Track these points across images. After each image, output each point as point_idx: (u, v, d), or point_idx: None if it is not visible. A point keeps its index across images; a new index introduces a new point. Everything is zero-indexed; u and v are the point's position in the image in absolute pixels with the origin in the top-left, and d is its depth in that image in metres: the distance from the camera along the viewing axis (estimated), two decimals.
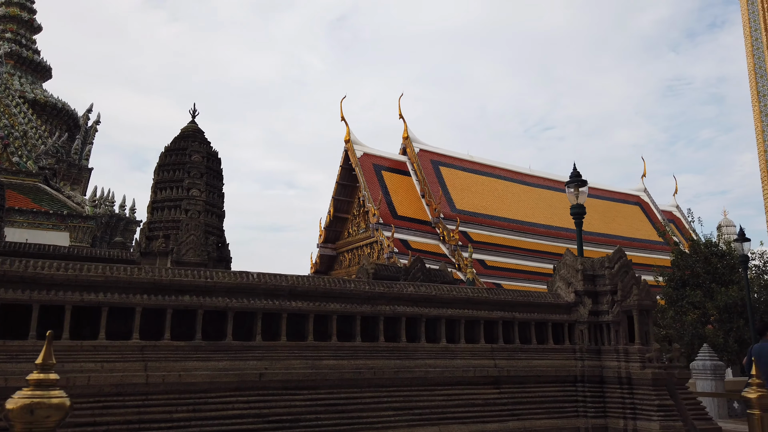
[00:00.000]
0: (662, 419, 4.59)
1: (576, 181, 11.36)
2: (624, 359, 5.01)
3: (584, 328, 5.25)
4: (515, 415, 4.63)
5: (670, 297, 23.14)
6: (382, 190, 27.51)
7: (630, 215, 32.33)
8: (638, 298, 5.09)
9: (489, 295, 5.05)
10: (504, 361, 4.85)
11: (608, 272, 5.30)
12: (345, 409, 4.05)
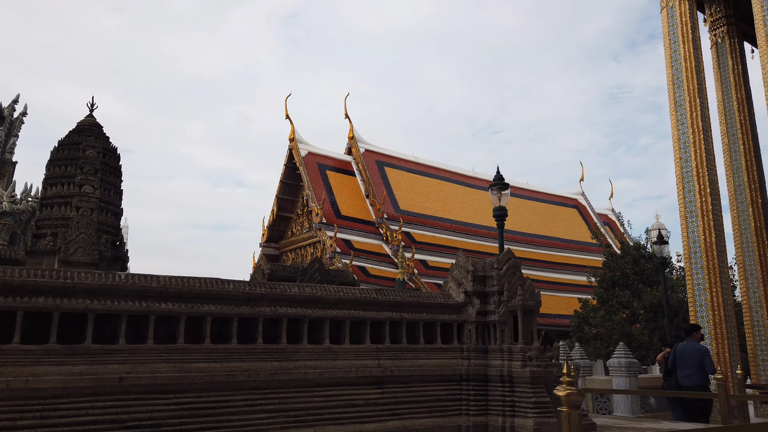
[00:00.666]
0: (537, 416, 4.74)
1: (498, 184, 11.67)
2: (507, 358, 5.14)
3: (472, 328, 5.37)
4: (396, 414, 4.68)
5: (601, 297, 24.07)
6: (326, 189, 27.41)
7: (568, 218, 33.37)
8: (522, 299, 5.24)
9: (377, 295, 5.08)
10: (389, 361, 4.89)
11: (496, 273, 5.44)
12: (214, 413, 3.99)
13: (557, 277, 30.26)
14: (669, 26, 14.12)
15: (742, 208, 14.34)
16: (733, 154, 14.64)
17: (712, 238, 12.98)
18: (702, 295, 12.92)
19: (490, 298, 5.44)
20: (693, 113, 13.50)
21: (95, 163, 6.13)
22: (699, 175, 13.23)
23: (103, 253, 5.93)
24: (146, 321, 4.03)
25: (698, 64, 13.77)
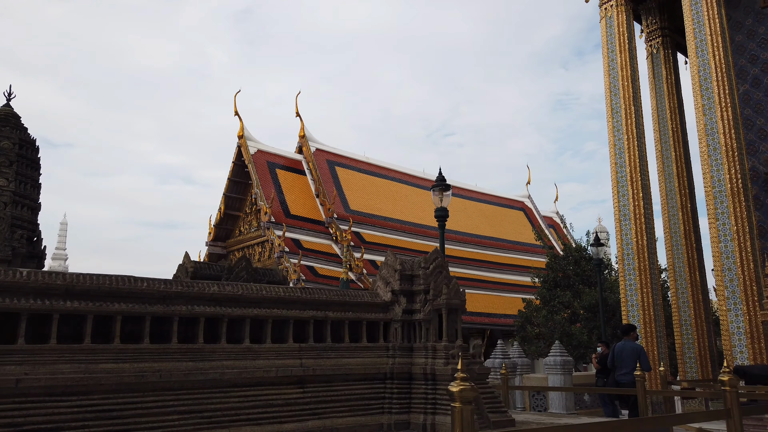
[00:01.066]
0: None
1: (440, 185, 11.80)
2: (431, 356, 5.19)
3: (398, 326, 5.39)
4: (317, 414, 4.65)
5: (544, 297, 24.74)
6: (276, 188, 27.06)
7: (515, 220, 34.13)
8: (447, 297, 5.30)
9: (302, 294, 5.03)
10: (312, 360, 4.85)
11: (423, 272, 5.48)
12: (121, 415, 3.85)
13: (503, 278, 30.90)
14: (607, 36, 14.64)
15: (672, 213, 15.02)
16: (666, 160, 15.32)
17: (644, 241, 13.53)
18: (634, 295, 13.45)
19: (416, 297, 5.48)
20: (628, 120, 14.05)
21: (10, 155, 5.82)
22: (632, 180, 13.77)
23: (17, 249, 5.64)
24: (50, 320, 3.85)
25: (633, 73, 14.33)
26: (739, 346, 11.70)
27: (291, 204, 27.10)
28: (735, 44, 13.95)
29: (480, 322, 27.34)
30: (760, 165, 13.44)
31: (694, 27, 12.88)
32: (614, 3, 14.57)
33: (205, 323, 4.52)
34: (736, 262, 11.72)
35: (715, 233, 12.06)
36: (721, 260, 11.96)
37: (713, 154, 12.30)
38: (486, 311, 28.17)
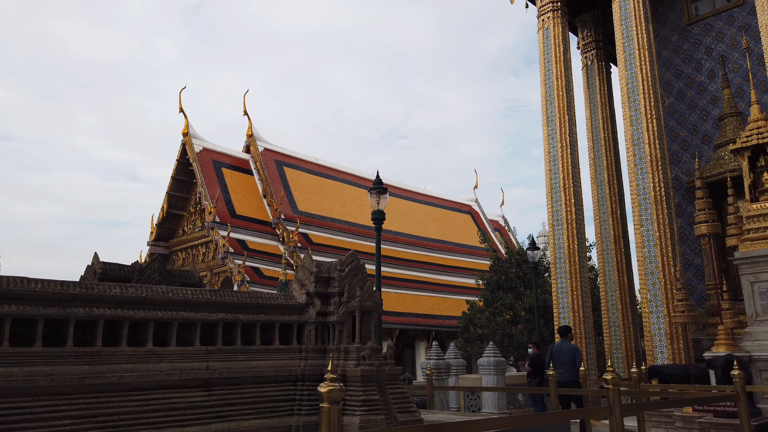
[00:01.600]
0: (364, 413, 4.88)
1: (377, 188, 11.91)
2: (343, 357, 5.25)
3: (312, 329, 5.43)
4: (222, 416, 4.62)
5: (487, 299, 25.26)
6: (221, 187, 26.60)
7: (462, 223, 34.72)
8: (360, 300, 5.37)
9: (212, 297, 5.00)
10: (219, 363, 4.82)
11: (338, 275, 5.54)
12: (7, 420, 3.73)
13: (450, 280, 31.37)
14: (544, 47, 15.12)
15: (603, 218, 15.63)
16: (598, 168, 15.93)
17: (575, 245, 14.03)
18: (565, 297, 13.92)
19: (331, 299, 5.53)
20: (562, 129, 14.54)
21: None
22: (565, 187, 14.25)
23: None
24: None
25: (568, 83, 14.85)
26: (659, 347, 12.29)
27: (237, 204, 26.69)
28: (662, 59, 14.67)
29: (425, 323, 27.66)
30: (683, 174, 14.18)
31: (624, 41, 13.47)
32: (551, 15, 15.07)
33: (107, 326, 4.43)
34: (658, 267, 12.31)
35: (640, 239, 12.63)
36: (645, 264, 12.54)
37: (639, 163, 12.88)
38: (432, 313, 28.53)
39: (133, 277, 5.46)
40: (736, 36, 13.54)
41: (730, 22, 13.73)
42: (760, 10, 11.82)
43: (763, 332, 8.36)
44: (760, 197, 8.86)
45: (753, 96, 9.20)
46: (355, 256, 5.74)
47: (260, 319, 5.19)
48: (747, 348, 8.39)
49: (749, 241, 8.64)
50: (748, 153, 8.89)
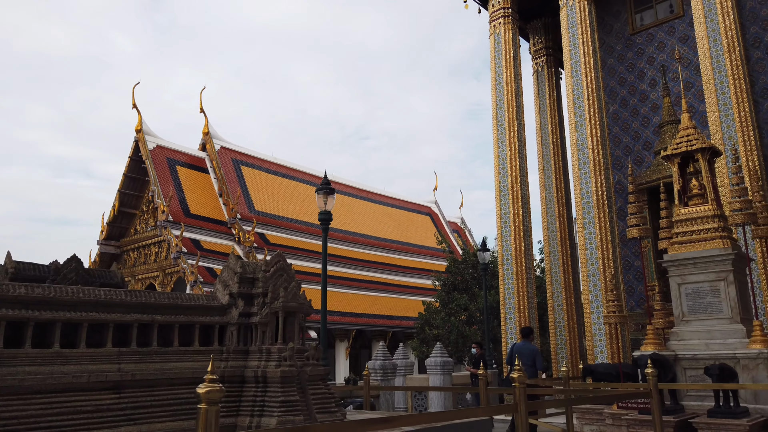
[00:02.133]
0: (282, 414, 4.85)
1: (325, 188, 11.88)
2: (265, 359, 5.22)
3: (234, 330, 5.37)
4: (132, 419, 4.53)
5: (443, 300, 25.52)
6: (175, 186, 26.08)
7: (421, 225, 34.96)
8: (284, 301, 5.35)
9: (126, 297, 4.89)
10: (132, 365, 4.72)
11: (262, 275, 5.50)
12: None
13: (408, 281, 31.54)
14: (495, 52, 15.38)
15: (551, 221, 15.99)
16: (546, 172, 16.29)
17: (522, 247, 14.31)
18: (511, 298, 14.18)
19: (255, 300, 5.49)
20: (511, 133, 14.81)
21: None
22: (513, 190, 14.53)
23: None
24: None
25: (518, 88, 15.15)
26: (599, 346, 12.65)
27: (192, 203, 26.23)
28: (607, 67, 15.11)
29: (383, 324, 27.73)
30: (625, 179, 14.61)
31: (570, 48, 13.82)
32: (502, 21, 15.34)
33: (10, 327, 4.28)
34: (599, 268, 12.66)
35: (583, 241, 12.97)
36: (587, 266, 12.88)
37: (583, 167, 13.23)
38: (389, 314, 28.63)
39: (48, 277, 5.29)
40: (676, 46, 14.06)
41: (671, 33, 14.25)
42: (697, 23, 12.31)
43: (689, 332, 8.70)
44: (689, 202, 9.22)
45: (684, 105, 9.57)
46: (282, 256, 5.71)
47: (179, 320, 5.11)
48: (673, 347, 8.71)
49: (677, 244, 8.97)
50: (678, 159, 9.23)
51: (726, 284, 8.51)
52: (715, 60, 11.83)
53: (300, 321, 5.59)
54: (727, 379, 7.44)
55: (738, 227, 8.83)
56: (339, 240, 30.61)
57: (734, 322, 8.41)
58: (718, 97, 11.72)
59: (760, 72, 12.79)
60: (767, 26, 12.87)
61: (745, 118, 11.43)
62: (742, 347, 8.08)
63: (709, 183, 8.97)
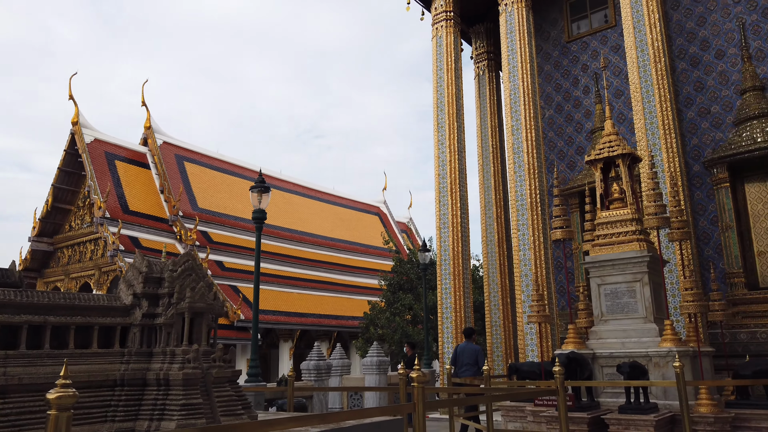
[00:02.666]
0: (182, 417, 4.73)
1: (259, 187, 11.70)
2: (168, 361, 5.07)
3: (137, 331, 5.20)
4: (18, 426, 4.31)
5: (388, 300, 25.62)
6: (114, 181, 25.18)
7: (370, 224, 35.01)
8: (191, 301, 5.21)
9: (15, 298, 4.65)
10: (20, 368, 4.49)
11: (169, 275, 5.35)
12: None
13: (356, 281, 31.51)
14: (437, 55, 15.53)
15: (489, 222, 16.28)
16: (486, 174, 16.58)
17: (459, 247, 14.51)
18: (448, 298, 14.35)
19: (161, 301, 5.33)
20: (451, 135, 14.99)
21: None
22: (452, 191, 14.71)
23: None
24: None
25: (458, 91, 15.35)
26: (531, 345, 12.96)
27: (131, 199, 25.37)
28: (544, 73, 15.51)
29: (328, 324, 27.60)
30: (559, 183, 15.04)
31: (508, 54, 14.10)
32: (444, 24, 15.51)
33: None
34: (531, 269, 12.97)
35: (516, 242, 13.26)
36: (520, 267, 13.18)
37: (518, 170, 13.53)
38: (336, 313, 28.52)
39: None
40: (608, 55, 14.57)
41: (604, 42, 14.76)
42: (626, 33, 12.79)
43: (607, 331, 9.02)
44: (610, 206, 9.56)
45: (608, 112, 9.91)
46: (191, 255, 5.57)
47: (76, 322, 4.90)
48: (592, 346, 9.02)
49: (598, 246, 9.29)
50: (600, 165, 9.56)
51: (642, 285, 8.87)
52: (642, 69, 12.31)
53: (209, 322, 5.47)
54: (638, 376, 7.76)
55: (657, 230, 9.20)
56: (286, 239, 30.29)
57: (648, 321, 8.78)
58: (644, 105, 12.20)
59: (684, 82, 13.41)
60: (692, 38, 13.51)
61: (668, 126, 11.96)
62: (655, 346, 8.44)
63: (629, 188, 9.33)
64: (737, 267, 12.13)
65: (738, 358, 11.02)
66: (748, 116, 12.33)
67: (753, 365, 8.16)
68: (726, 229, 12.36)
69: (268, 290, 26.22)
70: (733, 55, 12.89)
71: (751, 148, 12.03)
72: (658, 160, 11.76)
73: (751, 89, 12.45)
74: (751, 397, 8.32)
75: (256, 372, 10.39)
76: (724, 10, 13.15)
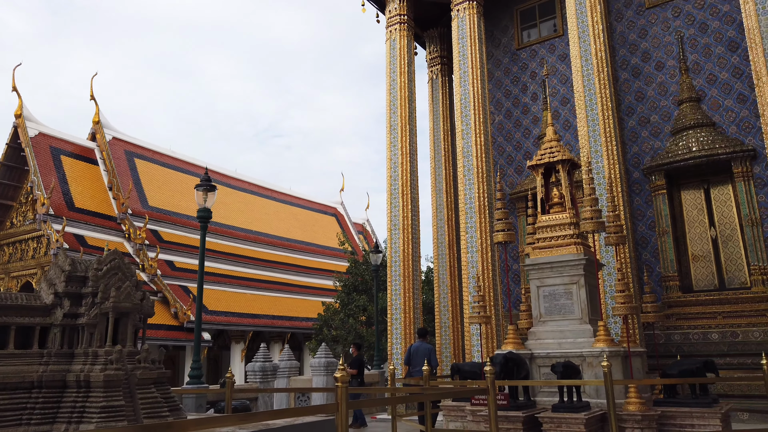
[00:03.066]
0: (102, 420, 4.62)
1: (205, 185, 11.52)
2: (90, 362, 4.94)
3: (57, 332, 5.05)
4: None
5: (343, 301, 25.58)
6: (59, 177, 24.30)
7: (327, 225, 34.89)
8: (115, 301, 5.09)
9: None
10: None
11: (93, 274, 5.21)
12: None
13: (312, 282, 31.34)
14: (390, 58, 15.63)
15: (440, 225, 16.47)
16: (438, 177, 16.77)
17: (410, 249, 14.63)
18: (398, 299, 14.44)
19: (84, 300, 5.19)
20: (403, 138, 15.11)
21: None
22: (403, 193, 14.82)
23: None
24: None
25: (411, 94, 15.48)
26: (477, 346, 13.18)
27: (77, 196, 24.52)
28: (495, 79, 15.82)
29: (282, 325, 27.34)
30: (507, 187, 15.37)
31: (460, 59, 14.32)
32: (397, 27, 15.63)
33: None
34: (479, 271, 13.19)
35: (465, 245, 13.46)
36: (468, 269, 13.39)
37: (467, 174, 13.75)
38: (290, 315, 28.29)
39: None
40: (556, 63, 14.97)
41: (552, 51, 15.16)
42: (572, 43, 13.18)
43: (545, 332, 9.26)
44: (550, 210, 9.83)
45: (549, 118, 10.19)
46: (118, 254, 5.44)
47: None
48: (530, 346, 9.24)
49: (538, 249, 9.54)
50: (541, 170, 9.82)
51: (578, 287, 9.15)
52: (586, 78, 12.71)
53: (135, 322, 5.35)
54: (571, 375, 8.00)
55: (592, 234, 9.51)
56: (241, 239, 29.87)
57: (584, 322, 9.06)
58: (587, 113, 12.59)
59: (626, 92, 13.91)
60: (634, 50, 14.02)
61: (609, 134, 12.37)
62: (589, 346, 8.72)
63: (568, 192, 9.62)
64: (672, 271, 12.65)
65: (672, 358, 11.51)
66: (685, 126, 12.90)
67: (679, 365, 8.53)
68: (662, 234, 12.88)
69: (221, 291, 25.79)
70: (671, 67, 13.45)
71: (686, 156, 12.58)
72: (599, 166, 12.16)
73: (688, 100, 13.02)
74: (678, 395, 8.69)
75: (198, 374, 10.22)
76: (664, 23, 13.71)
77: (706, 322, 12.01)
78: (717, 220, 12.79)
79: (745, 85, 12.45)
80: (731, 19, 12.88)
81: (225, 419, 3.71)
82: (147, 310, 5.53)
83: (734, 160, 12.26)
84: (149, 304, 5.54)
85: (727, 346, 11.55)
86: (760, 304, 11.63)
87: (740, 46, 12.63)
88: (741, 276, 12.30)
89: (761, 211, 11.99)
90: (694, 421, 7.85)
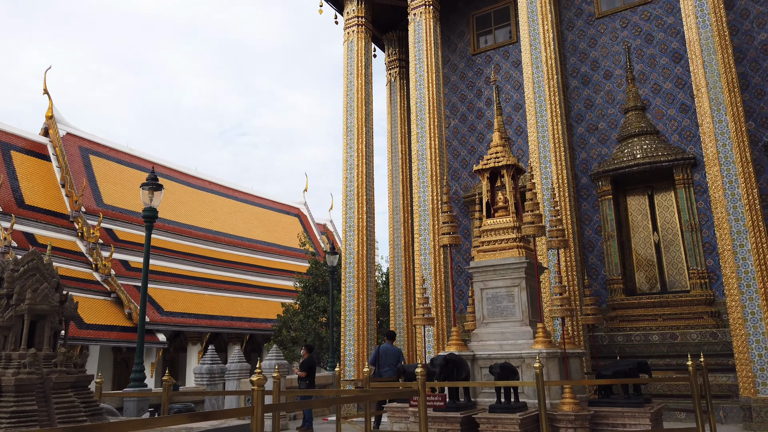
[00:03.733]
0: (12, 426, 4.49)
1: (151, 184, 11.33)
2: (3, 366, 4.80)
3: None
4: None
5: (303, 302, 25.44)
6: (8, 173, 23.53)
7: (289, 226, 34.67)
8: (30, 303, 4.96)
9: None
10: None
11: (9, 275, 5.07)
12: None
13: (274, 283, 31.08)
14: (348, 59, 15.64)
15: (396, 227, 16.56)
16: (395, 179, 16.87)
17: (364, 251, 14.66)
18: (351, 301, 14.45)
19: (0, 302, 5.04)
20: (359, 140, 15.14)
21: None
22: (359, 195, 14.85)
23: None
24: None
25: (368, 96, 15.52)
26: (428, 347, 13.28)
27: (28, 193, 23.77)
28: (450, 83, 16.00)
29: (241, 327, 27.04)
30: (461, 190, 15.55)
31: (416, 63, 14.44)
32: (355, 29, 15.66)
33: None
34: (431, 273, 13.31)
35: (418, 247, 13.56)
36: (421, 271, 13.49)
37: (422, 177, 13.86)
38: (250, 316, 27.99)
39: None
40: (509, 70, 15.23)
41: (506, 57, 15.42)
42: (524, 50, 13.43)
43: (487, 334, 9.41)
44: (495, 214, 9.99)
45: (497, 123, 10.35)
46: (36, 254, 5.30)
47: None
48: (473, 347, 9.38)
49: (482, 252, 9.69)
50: (487, 174, 9.98)
51: (519, 290, 9.33)
52: (537, 85, 12.96)
53: (54, 325, 5.22)
54: (508, 376, 8.15)
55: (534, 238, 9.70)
56: (200, 239, 29.42)
57: (524, 324, 9.24)
58: (537, 119, 12.84)
59: (576, 99, 14.25)
60: (584, 58, 14.37)
61: (558, 140, 12.64)
62: (528, 347, 8.90)
63: (512, 197, 9.79)
64: (617, 274, 13.01)
65: (614, 359, 11.82)
66: (630, 134, 13.28)
67: (614, 366, 8.79)
68: (608, 239, 13.24)
69: (178, 291, 25.35)
70: (619, 76, 13.84)
71: (631, 163, 12.96)
72: (547, 171, 12.42)
73: (634, 109, 13.41)
74: (614, 395, 8.93)
75: (140, 377, 10.03)
76: (612, 33, 14.10)
77: (648, 324, 12.39)
78: (660, 225, 13.21)
79: (687, 95, 12.90)
80: (675, 32, 13.33)
81: (134, 423, 3.65)
82: (69, 312, 5.40)
83: (676, 167, 12.69)
84: (72, 307, 5.42)
85: (667, 347, 11.94)
86: (698, 306, 12.06)
87: (683, 58, 13.08)
88: (681, 280, 12.73)
89: (700, 217, 12.44)
90: (625, 420, 8.09)
